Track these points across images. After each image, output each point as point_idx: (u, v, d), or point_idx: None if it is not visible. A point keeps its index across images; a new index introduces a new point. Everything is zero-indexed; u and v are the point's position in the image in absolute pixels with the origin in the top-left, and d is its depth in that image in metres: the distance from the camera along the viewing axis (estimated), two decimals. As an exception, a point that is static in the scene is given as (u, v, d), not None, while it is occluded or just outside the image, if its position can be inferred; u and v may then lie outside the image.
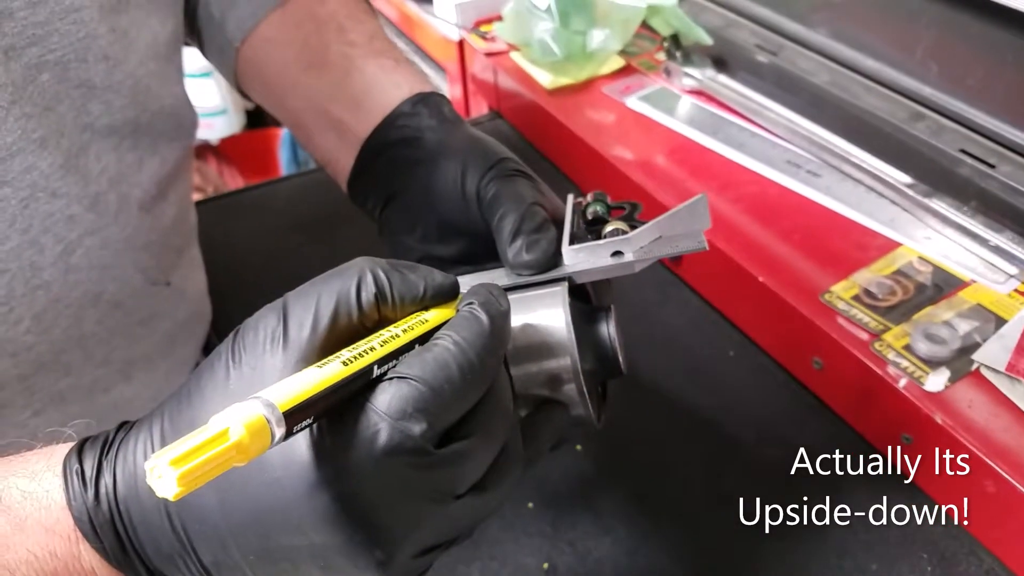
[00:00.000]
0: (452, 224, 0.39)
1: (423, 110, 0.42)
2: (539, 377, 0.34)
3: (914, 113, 0.60)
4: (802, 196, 0.61)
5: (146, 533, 0.26)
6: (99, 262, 0.42)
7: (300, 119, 0.48)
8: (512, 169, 0.38)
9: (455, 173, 0.38)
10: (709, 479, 0.48)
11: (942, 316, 0.50)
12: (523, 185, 0.37)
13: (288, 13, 0.48)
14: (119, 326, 0.45)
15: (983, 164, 0.55)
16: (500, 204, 0.36)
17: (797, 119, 0.66)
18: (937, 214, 0.56)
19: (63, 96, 0.39)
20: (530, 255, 0.34)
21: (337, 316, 0.26)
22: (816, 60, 0.66)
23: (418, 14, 0.98)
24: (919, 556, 0.44)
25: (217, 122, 1.50)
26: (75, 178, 0.40)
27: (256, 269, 0.66)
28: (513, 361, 0.33)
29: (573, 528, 0.46)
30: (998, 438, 0.43)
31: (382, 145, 0.42)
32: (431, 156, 0.40)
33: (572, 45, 0.73)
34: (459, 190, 0.38)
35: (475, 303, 0.28)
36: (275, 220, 0.71)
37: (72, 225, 0.40)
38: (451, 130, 0.41)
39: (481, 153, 0.38)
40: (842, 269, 0.54)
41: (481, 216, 0.37)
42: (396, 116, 0.43)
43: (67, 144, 0.39)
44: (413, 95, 0.43)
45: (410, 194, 0.41)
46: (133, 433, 0.27)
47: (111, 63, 0.40)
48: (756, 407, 0.53)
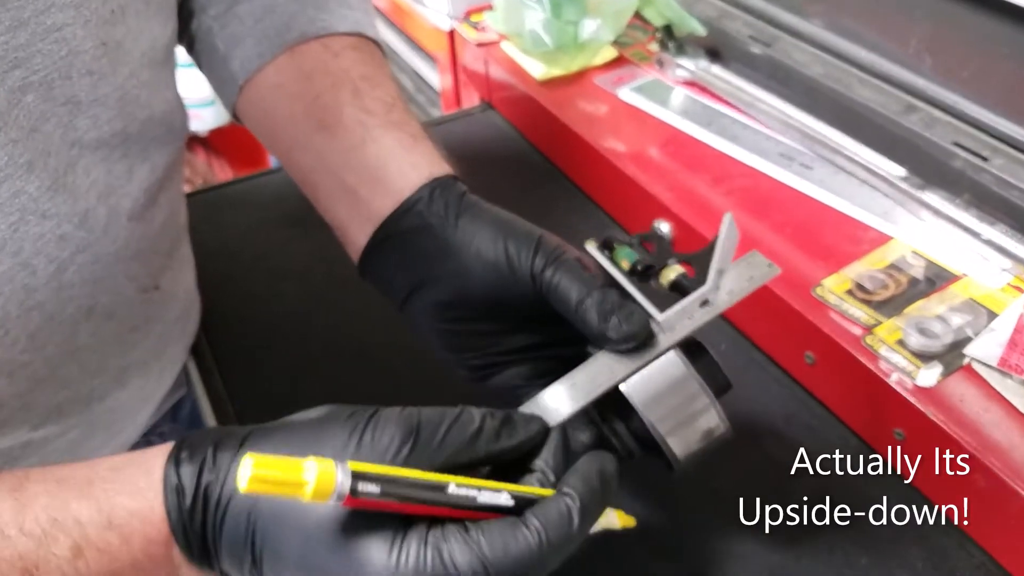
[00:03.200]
0: (495, 300, 0.40)
1: (441, 199, 0.42)
2: (695, 435, 0.37)
3: (907, 105, 0.59)
4: (795, 189, 0.60)
5: (228, 546, 0.31)
6: (91, 276, 0.42)
7: (309, 177, 0.47)
8: (560, 249, 0.39)
9: (497, 251, 0.40)
10: (706, 477, 0.47)
11: (934, 310, 0.49)
12: (577, 266, 0.39)
13: (297, 60, 0.47)
14: (112, 336, 0.45)
15: (976, 157, 0.55)
16: (572, 288, 0.38)
17: (791, 111, 0.66)
18: (930, 207, 0.56)
19: (49, 115, 0.38)
20: (629, 327, 0.37)
21: (452, 448, 0.31)
22: (810, 51, 0.66)
23: (408, 3, 0.97)
24: (910, 551, 0.44)
25: (206, 113, 1.49)
26: (64, 197, 0.39)
27: (245, 262, 0.65)
28: (670, 433, 0.37)
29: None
30: (989, 433, 0.43)
31: (403, 232, 0.42)
32: (463, 240, 0.41)
33: (564, 35, 0.72)
34: (505, 266, 0.39)
35: (574, 500, 0.31)
36: (265, 213, 0.70)
37: (63, 244, 0.40)
38: (477, 212, 0.41)
39: (521, 231, 0.40)
40: (834, 262, 0.53)
41: (533, 291, 0.39)
42: (415, 201, 0.42)
43: (54, 163, 0.38)
44: (432, 180, 0.42)
45: (443, 280, 0.41)
46: (228, 452, 0.31)
47: (96, 77, 0.39)
48: (750, 402, 0.52)
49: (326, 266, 0.64)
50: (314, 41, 0.47)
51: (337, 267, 0.64)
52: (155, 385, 0.51)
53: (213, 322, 0.60)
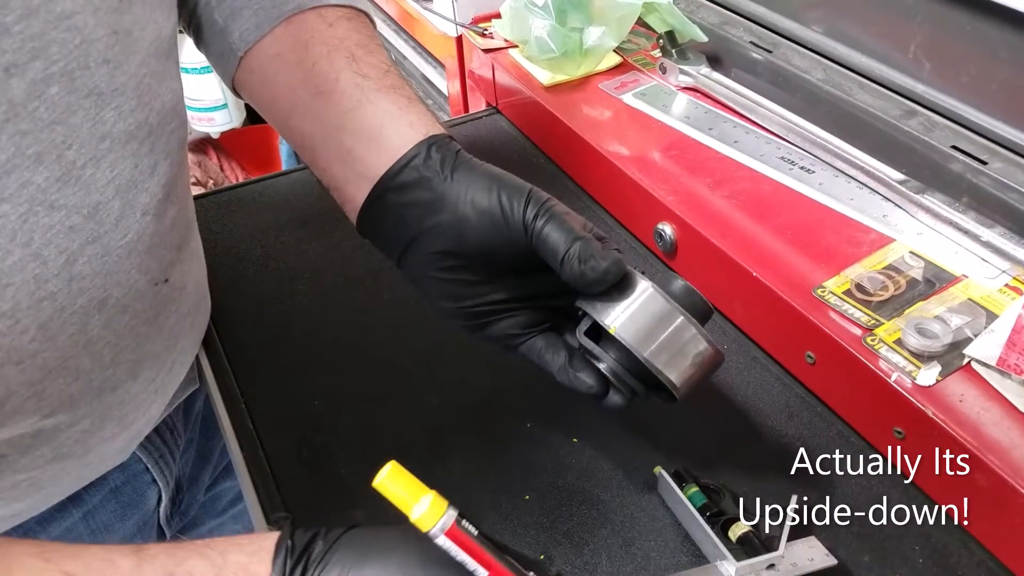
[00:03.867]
0: (490, 248, 0.43)
1: (437, 154, 0.44)
2: (687, 360, 0.41)
3: (907, 110, 0.60)
4: (795, 192, 0.61)
5: None
6: (102, 268, 0.42)
7: (307, 142, 0.48)
8: (550, 202, 0.42)
9: (491, 200, 0.42)
10: (707, 475, 0.48)
11: (934, 311, 0.50)
12: (564, 218, 0.41)
13: (294, 31, 0.48)
14: (124, 328, 0.46)
15: (975, 160, 0.55)
16: (559, 238, 0.41)
17: (791, 116, 0.67)
18: (929, 210, 0.56)
19: (75, 107, 0.38)
20: (604, 263, 0.40)
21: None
22: (810, 57, 0.67)
23: (417, 11, 0.98)
24: (912, 550, 0.44)
25: (218, 116, 1.51)
26: (74, 189, 0.39)
27: (256, 262, 0.66)
28: (665, 364, 0.41)
29: (569, 520, 0.47)
30: (989, 432, 0.43)
31: (400, 186, 0.44)
32: (458, 192, 0.43)
33: (569, 42, 0.73)
34: (499, 214, 0.42)
35: None
36: (276, 214, 0.71)
37: (73, 235, 0.40)
38: (471, 166, 0.44)
39: (513, 183, 0.42)
40: (835, 264, 0.54)
41: (525, 240, 0.42)
42: (411, 158, 0.44)
43: (72, 156, 0.39)
44: (428, 137, 0.44)
45: (439, 231, 0.43)
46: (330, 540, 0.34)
47: (112, 66, 0.40)
48: (751, 401, 0.53)
49: (336, 267, 0.65)
50: (310, 11, 0.49)
51: (347, 267, 0.65)
52: (166, 378, 0.52)
53: (225, 321, 0.61)
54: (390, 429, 0.53)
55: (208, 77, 1.44)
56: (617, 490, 0.48)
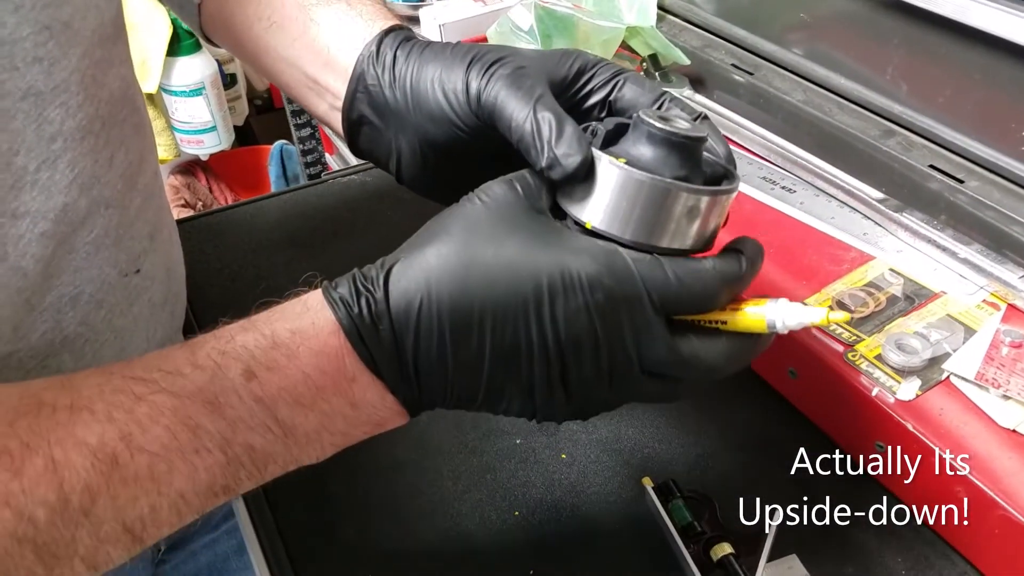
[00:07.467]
0: (459, 140, 0.40)
1: (379, 65, 0.43)
2: (685, 223, 0.36)
3: (885, 130, 0.62)
4: (777, 211, 0.62)
5: (426, 339, 0.33)
6: (70, 266, 0.42)
7: (281, 79, 0.48)
8: (496, 66, 0.38)
9: (436, 96, 0.40)
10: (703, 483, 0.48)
11: (913, 327, 0.51)
12: (512, 84, 0.37)
13: None
14: (99, 323, 0.45)
15: (952, 179, 0.57)
16: (511, 111, 0.37)
17: (772, 137, 0.68)
18: (908, 228, 0.57)
19: (13, 111, 0.37)
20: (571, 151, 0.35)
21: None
22: (791, 79, 0.68)
23: (405, 33, 0.99)
24: (894, 561, 0.45)
25: (207, 138, 1.51)
26: (32, 194, 0.38)
27: (247, 283, 0.67)
28: (663, 238, 0.36)
29: (559, 536, 0.47)
30: (968, 444, 0.44)
31: (363, 112, 0.44)
32: (409, 98, 0.41)
33: (555, 65, 0.74)
34: (447, 108, 0.39)
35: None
36: (266, 235, 0.71)
37: (46, 241, 0.40)
38: (415, 64, 0.41)
39: (452, 66, 0.39)
40: (816, 282, 0.55)
41: (483, 123, 0.39)
42: (360, 76, 0.43)
43: (22, 161, 0.38)
44: (374, 37, 0.43)
45: (408, 140, 0.43)
46: (373, 271, 0.34)
47: (47, 63, 0.38)
48: (751, 402, 0.53)
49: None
50: None
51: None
52: None
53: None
54: (381, 446, 0.53)
55: (197, 100, 1.45)
56: (606, 505, 0.48)
